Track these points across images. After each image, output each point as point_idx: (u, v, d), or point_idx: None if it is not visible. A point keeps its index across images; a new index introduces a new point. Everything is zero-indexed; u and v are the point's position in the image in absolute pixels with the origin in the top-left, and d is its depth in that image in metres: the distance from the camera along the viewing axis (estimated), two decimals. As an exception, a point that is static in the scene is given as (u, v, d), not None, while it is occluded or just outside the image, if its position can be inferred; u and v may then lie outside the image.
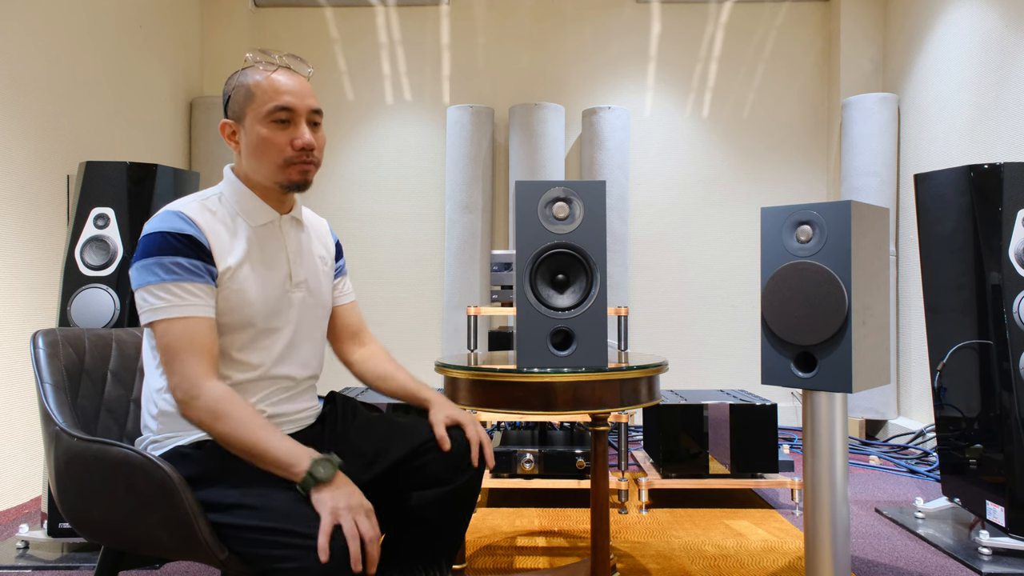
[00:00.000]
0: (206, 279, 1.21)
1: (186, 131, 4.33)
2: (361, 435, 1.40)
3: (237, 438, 1.13)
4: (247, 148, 1.28)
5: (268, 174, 1.29)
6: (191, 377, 1.16)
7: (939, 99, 3.75)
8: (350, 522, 1.05)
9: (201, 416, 1.15)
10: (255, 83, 1.27)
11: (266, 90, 1.26)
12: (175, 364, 1.17)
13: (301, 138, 1.27)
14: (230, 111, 1.30)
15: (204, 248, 1.22)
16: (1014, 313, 2.20)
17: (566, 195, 1.65)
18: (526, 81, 4.58)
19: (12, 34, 2.84)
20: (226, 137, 1.31)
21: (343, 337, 1.54)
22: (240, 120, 1.29)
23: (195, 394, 1.15)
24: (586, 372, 1.60)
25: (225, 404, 1.15)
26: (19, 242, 2.86)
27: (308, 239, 1.42)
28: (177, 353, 1.17)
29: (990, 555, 2.22)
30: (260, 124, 1.26)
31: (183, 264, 1.19)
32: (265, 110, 1.25)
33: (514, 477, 2.73)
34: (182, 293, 1.19)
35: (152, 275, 1.18)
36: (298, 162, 1.28)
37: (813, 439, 1.73)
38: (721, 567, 2.19)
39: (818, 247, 1.66)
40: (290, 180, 1.29)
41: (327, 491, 1.08)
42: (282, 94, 1.26)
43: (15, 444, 2.80)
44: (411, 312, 4.55)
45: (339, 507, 1.06)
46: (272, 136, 1.26)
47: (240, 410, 1.15)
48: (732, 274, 4.51)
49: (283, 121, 1.26)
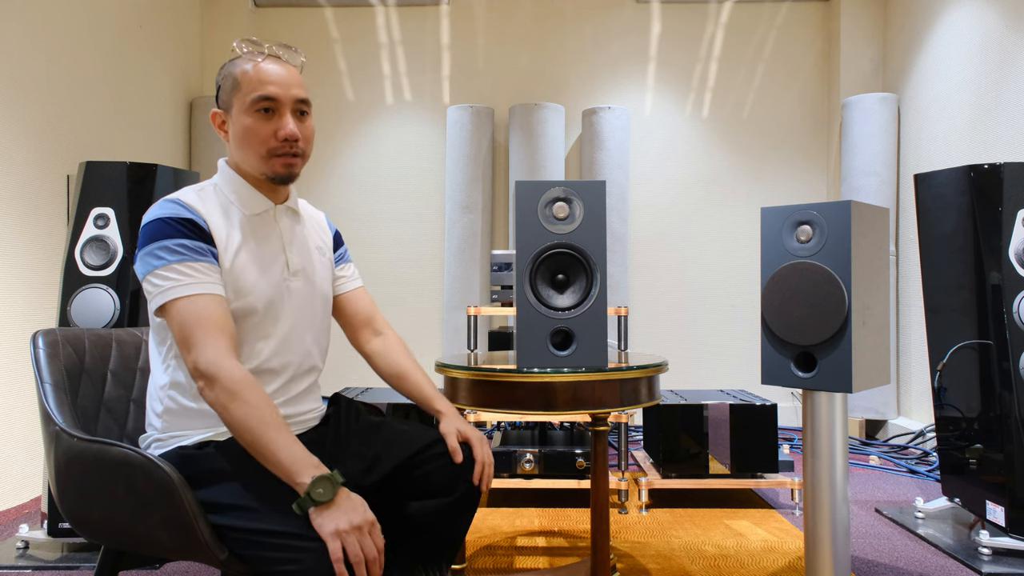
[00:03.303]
0: (211, 260, 1.21)
1: (186, 131, 4.33)
2: (362, 439, 1.39)
3: (248, 427, 1.10)
4: (234, 138, 1.28)
5: (254, 164, 1.29)
6: (212, 356, 1.12)
7: (939, 99, 3.75)
8: (355, 546, 1.04)
9: (219, 397, 1.11)
10: (242, 72, 1.26)
11: (251, 79, 1.25)
12: (193, 341, 1.14)
13: (284, 128, 1.25)
14: (220, 100, 1.30)
15: (205, 231, 1.22)
16: (1014, 313, 2.20)
17: (566, 195, 1.65)
18: (526, 81, 4.58)
19: (12, 34, 2.84)
20: (217, 127, 1.31)
21: (356, 325, 1.52)
22: (228, 110, 1.28)
23: (215, 373, 1.12)
24: (586, 372, 1.60)
25: (244, 387, 1.12)
26: (19, 242, 2.86)
27: (304, 229, 1.42)
28: (195, 330, 1.14)
29: (990, 555, 2.22)
30: (245, 114, 1.25)
31: (188, 245, 1.19)
32: (249, 100, 1.25)
33: (514, 477, 2.72)
34: (192, 272, 1.18)
35: (158, 259, 1.17)
36: (282, 153, 1.27)
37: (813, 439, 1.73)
38: (721, 567, 2.19)
39: (818, 247, 1.66)
40: (274, 172, 1.28)
41: (327, 512, 1.06)
42: (267, 84, 1.24)
43: (15, 444, 2.80)
44: (411, 312, 4.55)
45: (342, 529, 1.04)
46: (256, 126, 1.25)
47: (258, 397, 1.12)
48: (732, 274, 4.51)
49: (267, 111, 1.25)
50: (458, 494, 1.35)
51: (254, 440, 1.10)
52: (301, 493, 1.07)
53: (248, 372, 1.15)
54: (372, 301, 1.55)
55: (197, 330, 1.14)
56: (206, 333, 1.14)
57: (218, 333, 1.15)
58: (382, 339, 1.53)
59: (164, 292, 1.17)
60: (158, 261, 1.17)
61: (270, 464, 1.10)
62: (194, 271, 1.18)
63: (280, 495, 1.10)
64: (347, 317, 1.51)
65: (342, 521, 1.05)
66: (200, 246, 1.20)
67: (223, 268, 1.23)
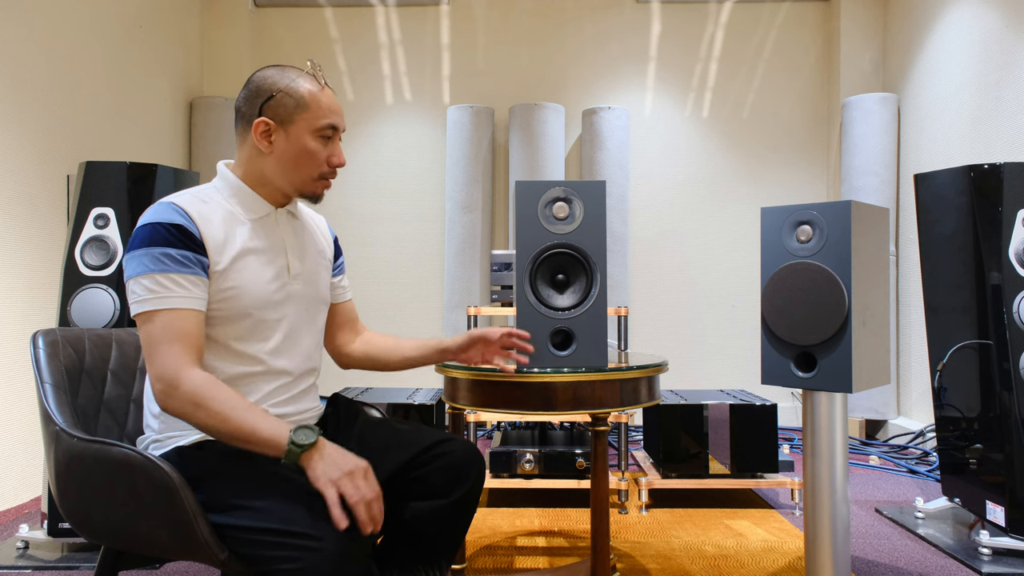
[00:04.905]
0: (195, 270, 1.21)
1: (186, 131, 4.33)
2: (362, 442, 1.39)
3: (221, 422, 1.11)
4: (283, 153, 1.29)
5: (298, 183, 1.31)
6: (171, 367, 1.14)
7: (939, 99, 3.75)
8: (351, 488, 1.06)
9: (183, 406, 1.12)
10: (310, 95, 1.29)
11: (321, 106, 1.29)
12: (154, 355, 1.15)
13: (339, 157, 1.33)
14: (270, 111, 1.27)
15: (195, 238, 1.22)
16: (1014, 313, 2.20)
17: (566, 195, 1.65)
18: (526, 81, 4.58)
19: (12, 34, 2.84)
20: (258, 135, 1.28)
21: (340, 329, 1.55)
22: (283, 124, 1.28)
23: (175, 384, 1.13)
24: (586, 372, 1.60)
25: (205, 390, 1.13)
26: (19, 242, 2.86)
27: (306, 233, 1.43)
28: (158, 344, 1.15)
29: (990, 555, 2.22)
30: (310, 136, 1.29)
31: (172, 255, 1.19)
32: (318, 124, 1.29)
33: (514, 477, 2.73)
34: (169, 284, 1.18)
35: (140, 266, 1.18)
36: (327, 177, 1.33)
37: (813, 439, 1.73)
38: (721, 567, 2.19)
39: (818, 247, 1.66)
40: (315, 192, 1.34)
41: (317, 460, 1.08)
42: (335, 113, 1.32)
43: (15, 444, 2.80)
44: (411, 312, 4.55)
45: (336, 476, 1.06)
46: (317, 150, 1.30)
47: (222, 394, 1.13)
48: (732, 274, 4.51)
49: (327, 138, 1.31)
50: (457, 496, 1.35)
51: (231, 429, 1.11)
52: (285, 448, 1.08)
53: (210, 375, 1.16)
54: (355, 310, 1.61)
55: (160, 343, 1.16)
56: (169, 345, 1.15)
57: (180, 344, 1.16)
58: (363, 334, 1.58)
59: (138, 303, 1.18)
60: (140, 268, 1.18)
61: (252, 444, 1.11)
62: (171, 283, 1.18)
63: (280, 493, 1.11)
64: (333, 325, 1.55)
65: (332, 470, 1.07)
66: (185, 256, 1.20)
67: (220, 270, 1.23)
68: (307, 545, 1.03)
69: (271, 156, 1.30)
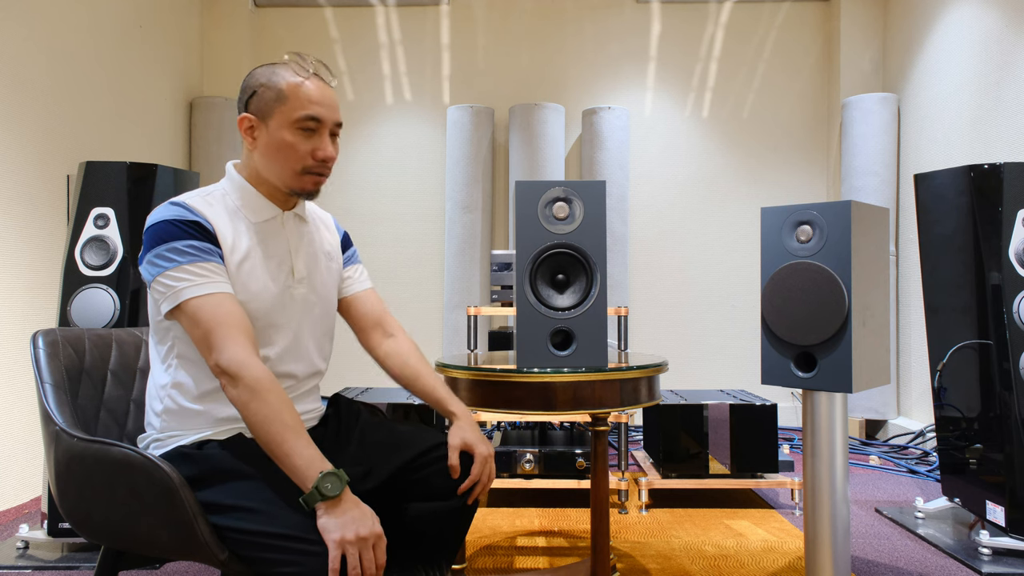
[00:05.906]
0: (220, 261, 1.21)
1: (186, 131, 4.33)
2: (362, 443, 1.39)
3: (266, 426, 1.10)
4: (265, 148, 1.27)
5: (282, 178, 1.28)
6: (234, 355, 1.13)
7: (939, 99, 3.75)
8: (355, 558, 1.03)
9: (241, 395, 1.12)
10: (288, 86, 1.25)
11: (299, 96, 1.25)
12: (214, 339, 1.14)
13: (324, 150, 1.27)
14: (253, 107, 1.27)
15: (211, 234, 1.22)
16: (1014, 313, 2.20)
17: (566, 195, 1.65)
18: (526, 81, 4.58)
19: (12, 34, 2.84)
20: (243, 131, 1.29)
21: (365, 327, 1.50)
22: (264, 119, 1.27)
23: (237, 371, 1.12)
24: (586, 372, 1.60)
25: (265, 386, 1.12)
26: (19, 242, 2.86)
27: (312, 235, 1.41)
28: (215, 329, 1.14)
29: (990, 555, 2.22)
30: (286, 129, 1.25)
31: (197, 246, 1.19)
32: (295, 116, 1.25)
33: (514, 477, 2.73)
34: (204, 272, 1.18)
35: (168, 261, 1.17)
36: (314, 172, 1.28)
37: (813, 439, 1.73)
38: (721, 567, 2.19)
39: (818, 247, 1.66)
40: (302, 188, 1.29)
41: (335, 515, 1.05)
42: (315, 103, 1.26)
43: (15, 444, 2.80)
44: (411, 312, 4.55)
45: (346, 539, 1.03)
46: (296, 143, 1.25)
47: (277, 398, 1.12)
48: (732, 274, 4.51)
49: (309, 130, 1.26)
50: (456, 501, 1.34)
51: (271, 440, 1.10)
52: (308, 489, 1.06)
53: (270, 371, 1.15)
54: (382, 303, 1.54)
55: (217, 328, 1.14)
56: (227, 331, 1.15)
57: (238, 331, 1.15)
58: (393, 341, 1.50)
59: (178, 293, 1.16)
60: (168, 263, 1.17)
61: (283, 464, 1.10)
62: (206, 271, 1.18)
63: (282, 497, 1.11)
64: (356, 319, 1.50)
65: (348, 530, 1.04)
66: (209, 247, 1.20)
67: (228, 273, 1.23)
68: (308, 549, 1.03)
69: (256, 152, 1.29)
